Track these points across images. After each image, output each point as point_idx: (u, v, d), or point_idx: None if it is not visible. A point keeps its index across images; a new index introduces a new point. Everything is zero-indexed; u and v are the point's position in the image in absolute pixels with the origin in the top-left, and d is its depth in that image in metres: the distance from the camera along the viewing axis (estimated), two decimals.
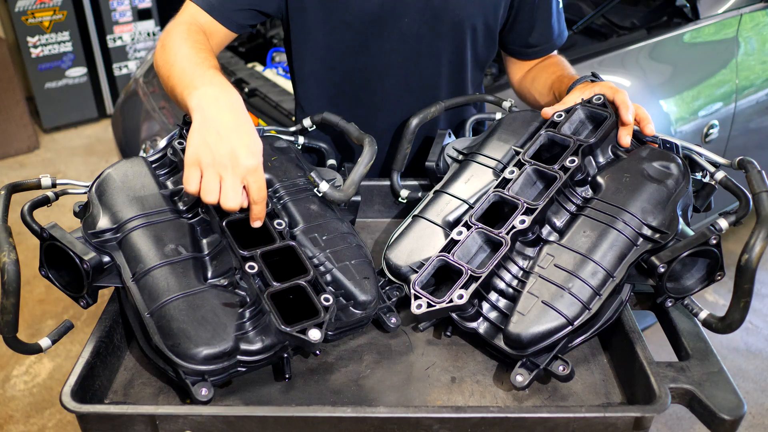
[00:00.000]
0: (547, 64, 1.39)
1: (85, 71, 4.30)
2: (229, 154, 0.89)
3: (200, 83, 0.98)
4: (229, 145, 0.89)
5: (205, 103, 0.94)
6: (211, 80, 0.98)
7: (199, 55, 1.07)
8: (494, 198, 1.03)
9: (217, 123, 0.91)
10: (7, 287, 0.86)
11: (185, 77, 1.02)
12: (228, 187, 0.89)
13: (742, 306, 0.88)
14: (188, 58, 1.06)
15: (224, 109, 0.93)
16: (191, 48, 1.09)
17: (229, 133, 0.91)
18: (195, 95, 0.96)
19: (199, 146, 0.90)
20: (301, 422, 0.81)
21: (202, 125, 0.91)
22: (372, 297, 0.97)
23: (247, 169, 0.90)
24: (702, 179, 1.06)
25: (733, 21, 2.34)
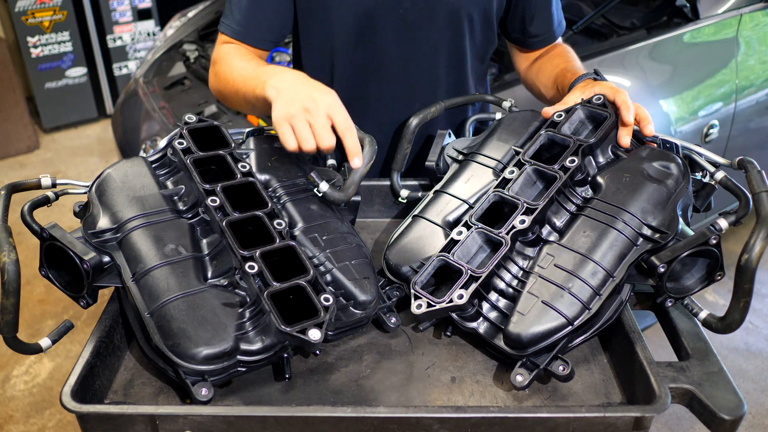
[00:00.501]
0: (552, 55, 1.38)
1: (85, 71, 4.30)
2: (309, 98, 1.00)
3: (265, 76, 1.09)
4: (306, 93, 1.01)
5: (276, 81, 1.06)
6: (274, 69, 1.11)
7: (251, 62, 1.20)
8: (494, 198, 1.03)
9: (291, 85, 1.04)
10: (7, 287, 0.86)
11: (249, 81, 1.14)
12: (320, 129, 1.00)
13: (742, 306, 0.88)
14: (244, 68, 1.18)
15: (292, 75, 1.07)
16: (241, 59, 1.22)
17: (302, 86, 1.03)
18: (266, 85, 1.07)
19: (282, 106, 1.01)
20: (301, 422, 0.81)
21: (279, 94, 1.04)
22: (372, 297, 0.97)
23: (328, 105, 1.01)
24: (702, 179, 1.06)
25: (733, 21, 2.34)
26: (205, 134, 1.11)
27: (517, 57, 1.49)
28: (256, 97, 1.11)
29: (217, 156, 1.07)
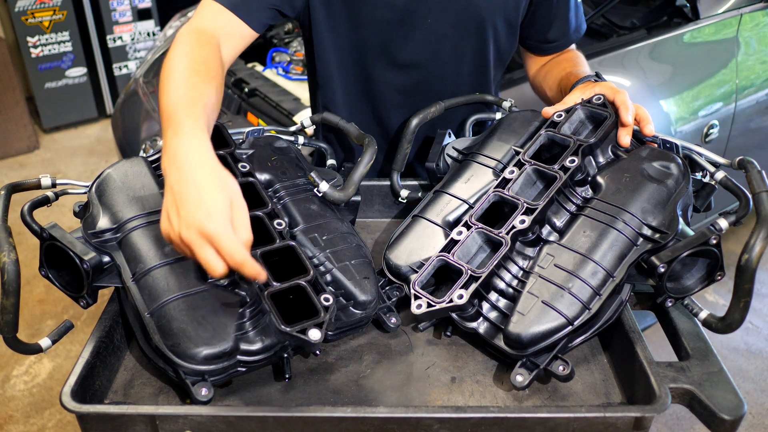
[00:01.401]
0: (561, 59, 1.38)
1: (85, 71, 4.30)
2: (196, 230, 0.80)
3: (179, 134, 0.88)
4: (192, 221, 0.80)
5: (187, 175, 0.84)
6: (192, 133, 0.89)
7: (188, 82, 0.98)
8: (494, 198, 1.03)
9: (185, 197, 0.82)
10: (7, 287, 0.86)
11: (168, 114, 0.93)
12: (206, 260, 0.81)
13: (742, 306, 0.88)
14: (175, 88, 0.97)
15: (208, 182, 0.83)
16: (186, 69, 1.01)
17: (185, 205, 0.82)
18: (172, 153, 0.87)
19: (170, 222, 0.83)
20: (301, 422, 0.81)
21: (171, 200, 0.84)
22: (372, 297, 0.97)
23: (211, 238, 0.80)
24: (702, 179, 1.06)
25: (733, 21, 2.34)
26: None
27: (529, 60, 1.48)
28: (162, 131, 0.93)
29: (218, 156, 1.07)
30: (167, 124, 0.92)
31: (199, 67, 1.03)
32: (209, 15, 1.17)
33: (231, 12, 1.17)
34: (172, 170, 0.86)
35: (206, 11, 1.17)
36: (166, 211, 0.84)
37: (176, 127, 0.89)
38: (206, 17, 1.16)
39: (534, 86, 1.46)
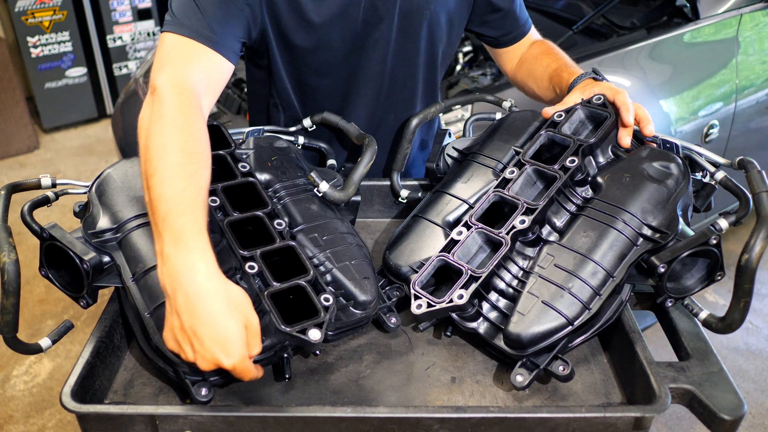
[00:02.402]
0: (539, 54, 1.37)
1: (85, 71, 4.30)
2: (211, 359, 0.78)
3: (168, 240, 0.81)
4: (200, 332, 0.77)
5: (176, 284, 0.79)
6: (188, 245, 0.80)
7: (185, 171, 0.87)
8: (494, 198, 1.03)
9: (193, 321, 0.78)
10: (7, 287, 0.86)
11: (159, 209, 0.83)
12: None
13: (742, 306, 0.88)
14: (171, 177, 0.85)
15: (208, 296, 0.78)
16: (180, 154, 0.88)
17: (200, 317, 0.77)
18: (170, 267, 0.80)
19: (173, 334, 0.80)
20: (301, 422, 0.81)
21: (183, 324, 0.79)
22: (372, 297, 0.97)
23: (233, 363, 0.78)
24: (702, 179, 1.06)
25: (733, 21, 2.34)
26: None
27: (500, 59, 1.47)
28: (155, 241, 0.84)
29: (218, 156, 1.07)
30: (163, 226, 0.82)
31: (194, 148, 0.90)
32: (183, 58, 1.02)
33: (208, 47, 1.04)
34: (178, 294, 0.79)
35: (177, 54, 1.02)
36: (171, 331, 0.80)
37: (176, 237, 0.81)
38: (181, 63, 1.01)
39: (517, 84, 1.45)
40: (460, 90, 2.27)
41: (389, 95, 1.35)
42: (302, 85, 1.32)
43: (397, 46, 1.28)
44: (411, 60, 1.32)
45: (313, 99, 1.34)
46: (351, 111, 1.34)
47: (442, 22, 1.30)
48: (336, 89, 1.32)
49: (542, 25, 2.55)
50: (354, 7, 1.20)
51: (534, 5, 2.68)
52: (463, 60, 2.62)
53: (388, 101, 1.35)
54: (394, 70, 1.31)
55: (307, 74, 1.29)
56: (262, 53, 1.27)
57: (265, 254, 0.94)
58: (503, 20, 1.38)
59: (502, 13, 1.36)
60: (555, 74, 1.27)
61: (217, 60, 1.06)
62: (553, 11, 2.70)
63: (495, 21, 1.37)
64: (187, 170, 0.87)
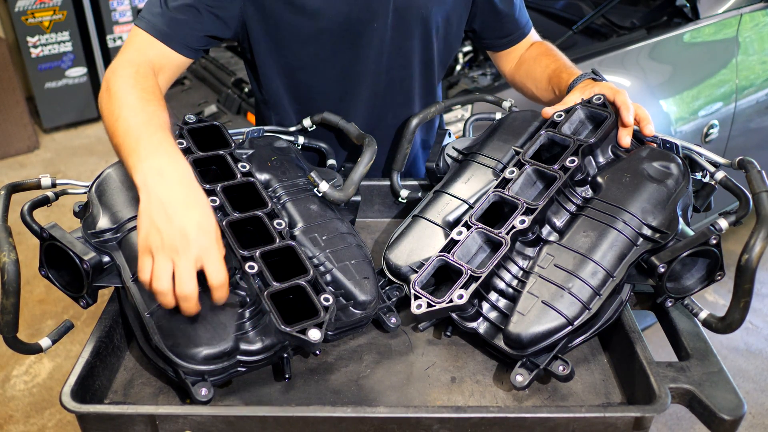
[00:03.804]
0: (537, 55, 1.37)
1: (85, 71, 4.30)
2: (179, 234, 0.82)
3: (145, 153, 0.89)
4: (179, 225, 0.82)
5: (151, 180, 0.86)
6: (157, 149, 0.90)
7: (146, 109, 0.98)
8: (494, 198, 1.03)
9: (165, 202, 0.84)
10: (7, 287, 0.86)
11: (130, 139, 0.93)
12: (181, 272, 0.81)
13: (742, 306, 0.88)
14: (135, 114, 0.97)
15: (171, 183, 0.86)
16: (139, 99, 1.00)
17: (177, 211, 0.83)
18: (140, 170, 0.88)
19: (148, 230, 0.83)
20: (301, 422, 0.81)
21: (149, 206, 0.85)
22: (372, 297, 0.97)
23: (200, 249, 0.82)
24: (702, 179, 1.06)
25: (733, 21, 2.34)
26: (205, 134, 1.11)
27: (499, 60, 1.48)
28: (127, 166, 0.92)
29: (217, 156, 1.07)
30: (137, 148, 0.90)
31: (150, 97, 1.02)
32: (140, 47, 1.14)
33: (161, 42, 1.15)
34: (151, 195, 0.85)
35: (136, 43, 1.14)
36: (148, 217, 0.84)
37: (151, 150, 0.90)
38: (137, 50, 1.13)
39: (515, 85, 1.45)
40: (460, 90, 2.27)
41: (386, 95, 1.34)
42: (295, 83, 1.32)
43: (393, 45, 1.28)
44: (407, 59, 1.32)
45: (307, 98, 1.33)
46: (348, 111, 1.34)
47: (438, 21, 1.30)
48: (330, 88, 1.32)
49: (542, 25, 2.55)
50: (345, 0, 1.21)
51: (534, 5, 2.68)
52: (463, 60, 2.62)
53: (386, 101, 1.35)
54: (390, 70, 1.31)
55: (297, 70, 1.29)
56: (246, 48, 1.28)
57: (265, 254, 0.94)
58: (503, 22, 1.38)
59: (502, 15, 1.36)
60: (554, 75, 1.27)
61: (166, 52, 1.16)
62: (553, 11, 2.70)
63: (495, 23, 1.37)
64: (147, 109, 0.98)
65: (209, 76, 2.65)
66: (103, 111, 1.03)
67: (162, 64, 1.15)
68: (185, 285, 0.82)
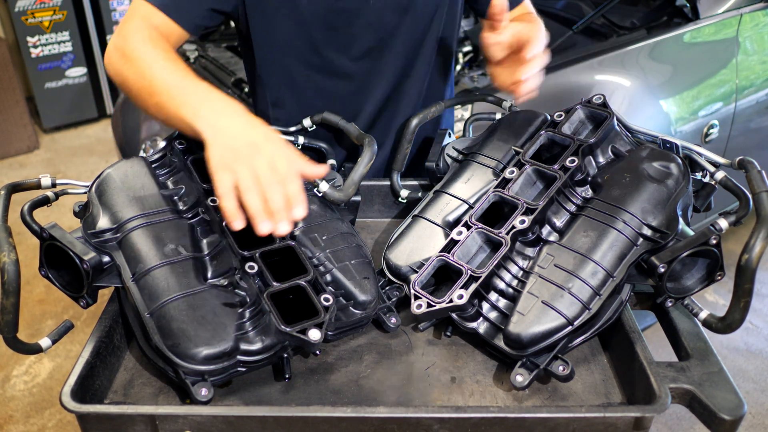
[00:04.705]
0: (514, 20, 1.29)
1: (85, 71, 4.30)
2: (250, 145, 0.88)
3: (198, 101, 0.95)
4: (247, 140, 0.88)
5: (212, 116, 0.92)
6: (207, 95, 0.96)
7: (177, 66, 1.03)
8: (494, 198, 1.03)
9: (230, 131, 0.90)
10: (7, 287, 0.86)
11: (175, 94, 0.98)
12: (259, 171, 0.86)
13: (742, 306, 0.88)
14: (169, 71, 1.01)
15: (232, 116, 0.92)
16: (165, 59, 1.04)
17: (244, 131, 0.89)
18: (199, 116, 0.93)
19: (221, 155, 0.88)
20: (301, 422, 0.81)
21: (217, 135, 0.90)
22: (372, 297, 0.97)
23: (272, 148, 0.88)
24: (702, 179, 1.06)
25: (733, 21, 2.34)
26: None
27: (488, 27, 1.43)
28: (180, 118, 0.97)
29: None
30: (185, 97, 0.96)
31: (173, 56, 1.06)
32: (144, 16, 1.14)
33: (164, 14, 1.15)
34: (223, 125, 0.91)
35: (139, 13, 1.14)
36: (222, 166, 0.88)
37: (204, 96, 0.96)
38: (141, 18, 1.13)
39: None
40: (460, 90, 2.27)
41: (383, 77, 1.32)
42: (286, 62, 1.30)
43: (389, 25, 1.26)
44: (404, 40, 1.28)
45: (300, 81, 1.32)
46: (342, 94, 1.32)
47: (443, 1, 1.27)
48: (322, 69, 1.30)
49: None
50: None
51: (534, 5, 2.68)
52: (463, 60, 2.62)
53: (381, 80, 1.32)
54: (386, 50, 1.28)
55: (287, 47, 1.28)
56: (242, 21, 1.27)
57: (265, 254, 0.94)
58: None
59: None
60: None
61: (168, 23, 1.16)
62: (553, 11, 2.70)
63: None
64: (178, 65, 1.03)
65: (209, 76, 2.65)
66: (124, 76, 1.06)
67: (166, 34, 1.15)
68: (273, 189, 0.86)
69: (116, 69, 1.09)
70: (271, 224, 0.86)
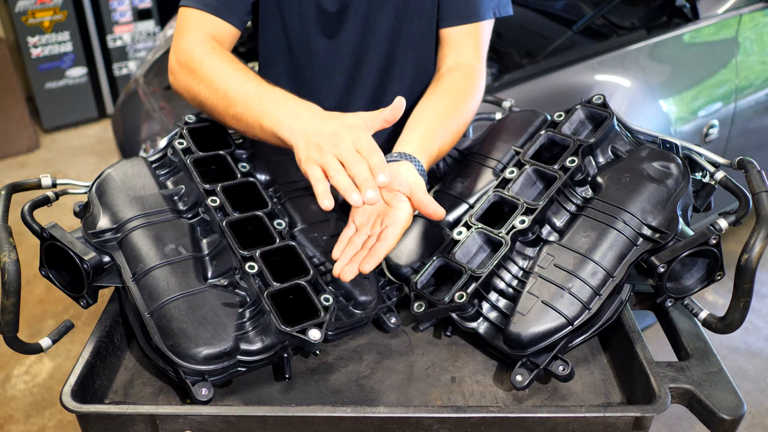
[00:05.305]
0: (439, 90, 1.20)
1: (85, 71, 4.30)
2: (333, 136, 0.91)
3: (277, 109, 0.98)
4: (329, 131, 0.91)
5: (294, 125, 0.95)
6: (285, 101, 0.99)
7: (248, 75, 1.05)
8: (494, 198, 1.03)
9: (310, 124, 0.94)
10: (7, 287, 0.86)
11: (254, 104, 1.01)
12: (347, 157, 0.88)
13: (742, 306, 0.88)
14: (243, 82, 1.04)
15: (310, 117, 0.96)
16: (234, 69, 1.06)
17: (325, 125, 0.93)
18: (281, 123, 0.97)
19: (308, 149, 0.91)
20: (301, 422, 0.81)
21: (302, 136, 0.93)
22: (372, 297, 0.98)
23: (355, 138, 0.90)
24: (702, 179, 1.06)
25: (733, 21, 2.34)
26: (205, 134, 1.11)
27: None
28: (262, 128, 1.00)
29: (218, 156, 1.07)
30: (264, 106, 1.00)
31: (240, 65, 1.08)
32: (197, 25, 1.14)
33: (214, 16, 1.15)
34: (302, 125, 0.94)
35: (191, 23, 1.14)
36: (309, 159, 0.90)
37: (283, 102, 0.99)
38: (196, 29, 1.13)
39: None
40: None
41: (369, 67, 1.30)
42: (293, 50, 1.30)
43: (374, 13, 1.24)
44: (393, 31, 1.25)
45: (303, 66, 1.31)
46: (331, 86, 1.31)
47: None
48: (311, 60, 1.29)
49: (542, 25, 2.55)
50: None
51: (534, 5, 2.68)
52: None
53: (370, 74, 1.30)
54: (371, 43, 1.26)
55: None
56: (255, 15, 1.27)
57: (265, 254, 0.94)
58: None
59: None
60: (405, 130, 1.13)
61: (220, 24, 1.16)
62: (553, 11, 2.70)
63: None
64: (249, 75, 1.05)
65: None
66: (195, 91, 1.08)
67: (220, 39, 1.16)
68: (357, 165, 0.88)
69: (185, 85, 1.10)
70: (360, 194, 0.87)
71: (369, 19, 1.25)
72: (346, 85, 1.32)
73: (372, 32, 1.26)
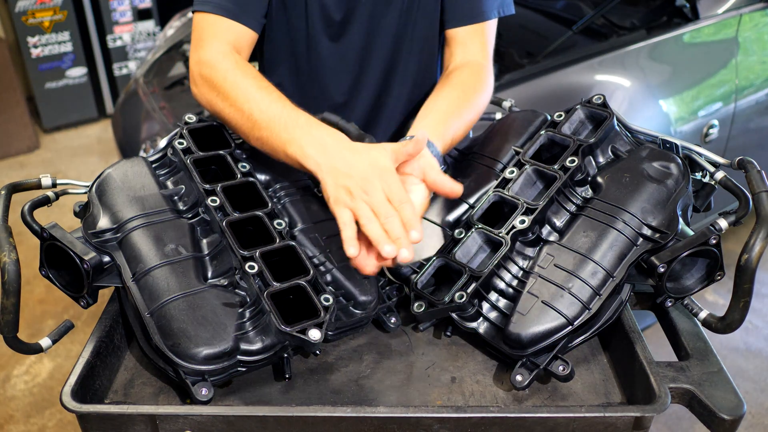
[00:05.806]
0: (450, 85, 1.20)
1: (85, 71, 4.30)
2: (362, 179, 0.90)
3: (302, 136, 0.96)
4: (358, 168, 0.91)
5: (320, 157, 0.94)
6: (310, 128, 0.97)
7: (272, 96, 1.03)
8: (494, 198, 1.03)
9: (338, 165, 0.92)
10: (7, 287, 0.86)
11: (278, 129, 0.98)
12: (377, 205, 0.88)
13: (742, 306, 0.88)
14: (268, 104, 1.01)
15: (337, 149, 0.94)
16: (259, 88, 1.04)
17: (352, 163, 0.92)
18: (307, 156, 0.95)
19: (336, 193, 0.90)
20: (301, 422, 0.81)
21: (329, 176, 0.92)
22: (372, 297, 0.98)
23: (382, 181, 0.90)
24: (702, 179, 1.06)
25: (733, 21, 2.34)
26: (205, 134, 1.11)
27: None
28: (287, 155, 0.98)
29: (218, 156, 1.07)
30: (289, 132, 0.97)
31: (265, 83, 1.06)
32: (217, 34, 1.12)
33: (232, 20, 1.13)
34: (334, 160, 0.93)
35: (210, 30, 1.12)
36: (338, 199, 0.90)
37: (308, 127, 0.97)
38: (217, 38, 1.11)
39: None
40: None
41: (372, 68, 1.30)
42: None
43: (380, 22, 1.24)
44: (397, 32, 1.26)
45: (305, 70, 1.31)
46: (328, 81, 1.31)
47: None
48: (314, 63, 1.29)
49: (542, 25, 2.55)
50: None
51: (534, 5, 2.68)
52: None
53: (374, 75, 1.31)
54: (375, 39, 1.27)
55: None
56: None
57: (265, 254, 0.94)
58: None
59: None
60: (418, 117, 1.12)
61: (240, 30, 1.15)
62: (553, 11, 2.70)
63: None
64: (273, 95, 1.03)
65: None
66: (219, 108, 1.07)
67: (240, 46, 1.14)
68: (390, 220, 0.88)
69: (208, 99, 1.09)
70: (392, 245, 0.87)
71: (373, 23, 1.26)
72: (349, 85, 1.32)
73: (376, 35, 1.27)
